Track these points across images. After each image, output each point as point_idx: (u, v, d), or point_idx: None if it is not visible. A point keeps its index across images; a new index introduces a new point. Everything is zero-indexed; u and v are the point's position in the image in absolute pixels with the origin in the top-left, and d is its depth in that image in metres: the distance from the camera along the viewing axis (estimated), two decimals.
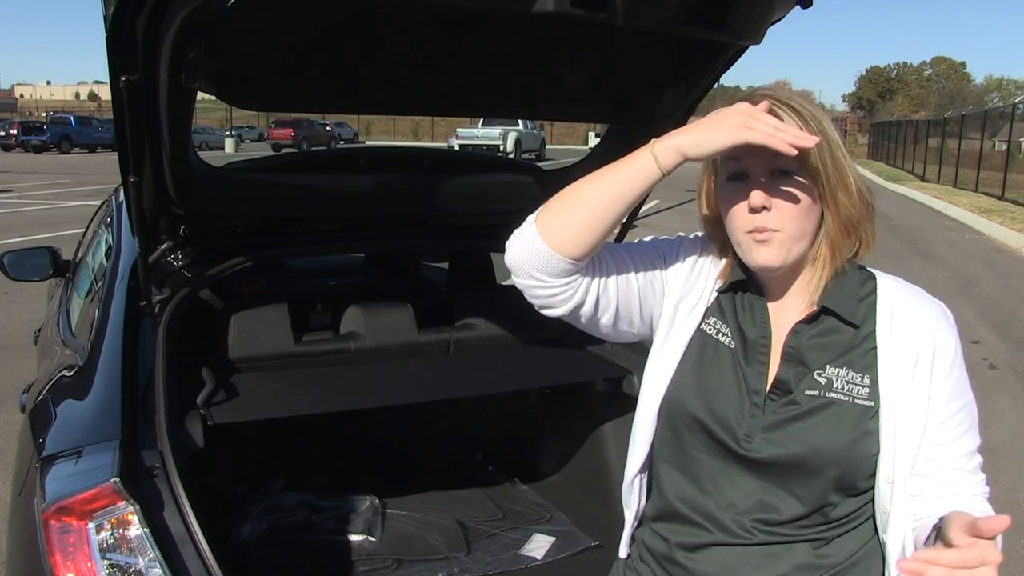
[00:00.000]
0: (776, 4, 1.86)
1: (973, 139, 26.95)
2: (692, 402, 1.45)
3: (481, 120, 34.32)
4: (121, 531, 1.66)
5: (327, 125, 48.61)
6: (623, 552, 1.70)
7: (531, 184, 2.74)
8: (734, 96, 1.46)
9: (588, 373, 2.83)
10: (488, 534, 2.70)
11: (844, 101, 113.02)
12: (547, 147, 39.42)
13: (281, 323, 2.60)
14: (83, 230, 4.69)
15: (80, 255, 3.92)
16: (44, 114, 61.85)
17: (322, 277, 4.02)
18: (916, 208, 21.77)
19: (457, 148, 30.57)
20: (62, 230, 12.97)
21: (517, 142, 34.92)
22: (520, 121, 35.25)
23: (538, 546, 2.65)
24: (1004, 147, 25.03)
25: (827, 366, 1.40)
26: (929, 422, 1.37)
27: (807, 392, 1.39)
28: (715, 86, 2.43)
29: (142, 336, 2.22)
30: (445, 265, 4.13)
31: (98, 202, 4.99)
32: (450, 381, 2.82)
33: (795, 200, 1.34)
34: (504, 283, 3.98)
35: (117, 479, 1.66)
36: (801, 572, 1.40)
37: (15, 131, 42.20)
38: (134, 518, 1.66)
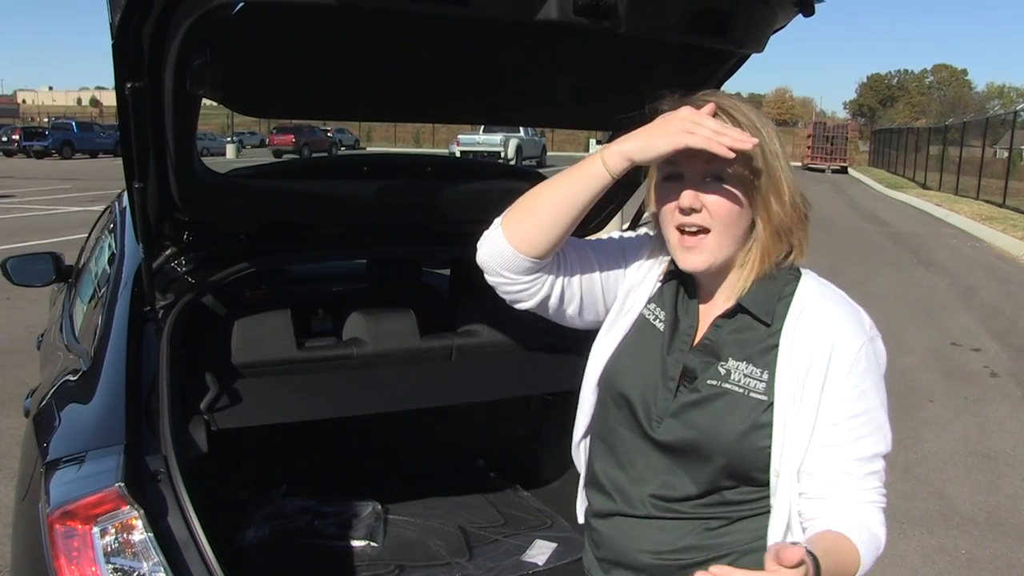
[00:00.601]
0: (778, 12, 1.87)
1: (974, 147, 26.97)
2: (622, 381, 1.55)
3: (482, 127, 34.35)
4: (125, 535, 1.66)
5: (328, 131, 48.66)
6: (579, 512, 1.78)
7: None
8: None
9: None
10: (490, 540, 2.70)
11: (845, 108, 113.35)
12: (548, 154, 39.44)
13: (284, 329, 2.61)
14: (85, 236, 4.70)
15: (83, 261, 3.93)
16: (46, 119, 61.91)
17: (323, 283, 4.03)
18: (917, 215, 21.79)
19: (458, 155, 30.54)
20: (64, 235, 12.98)
21: (518, 149, 34.93)
22: (521, 128, 35.27)
23: (540, 552, 2.66)
24: (1005, 155, 25.02)
25: (730, 359, 1.46)
26: (819, 423, 1.40)
27: (708, 381, 1.46)
28: None
29: (146, 341, 2.22)
30: (446, 271, 4.15)
31: (99, 208, 5.01)
32: (452, 387, 2.83)
33: (726, 204, 1.40)
34: None
35: (122, 483, 1.66)
36: (694, 549, 1.48)
37: (17, 137, 42.24)
38: (138, 522, 1.67)
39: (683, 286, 1.56)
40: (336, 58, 1.93)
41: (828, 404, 1.40)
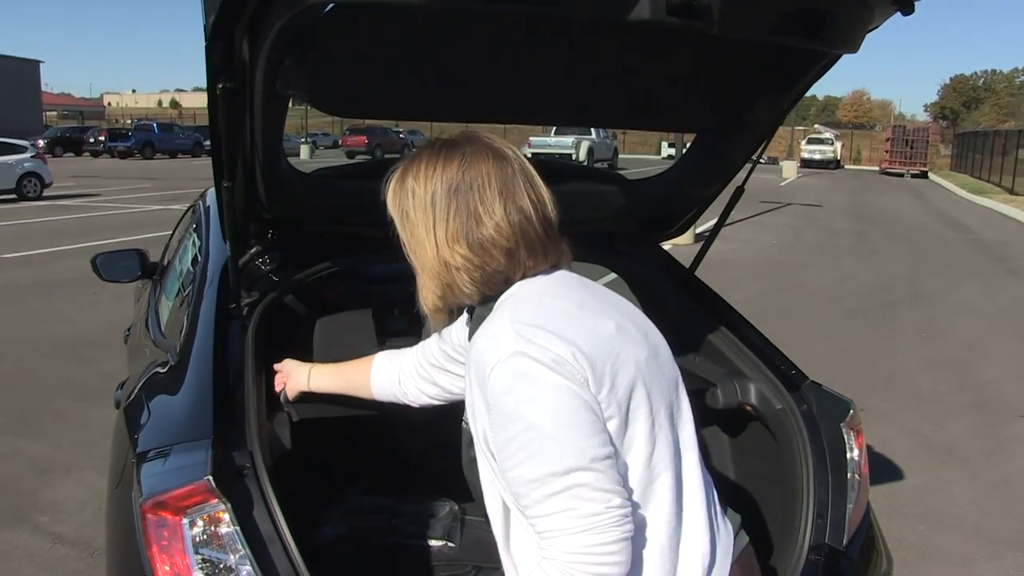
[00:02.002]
0: (875, 11, 1.81)
1: None
2: None
3: (554, 129, 34.32)
4: (213, 528, 1.69)
5: (400, 133, 49.27)
6: None
7: (616, 194, 2.72)
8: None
9: None
10: None
11: (926, 111, 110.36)
12: (619, 156, 39.25)
13: (365, 328, 2.63)
14: (166, 233, 4.83)
15: (167, 258, 4.03)
16: (129, 121, 63.86)
17: (398, 283, 4.05)
18: (1003, 222, 21.08)
19: (530, 156, 30.59)
20: (145, 233, 13.37)
21: (589, 151, 34.84)
22: (592, 130, 35.15)
23: None
24: None
25: None
26: (491, 453, 1.39)
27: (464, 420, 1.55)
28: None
29: (231, 338, 2.27)
30: None
31: (178, 207, 5.15)
32: None
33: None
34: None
35: (210, 477, 1.69)
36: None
37: (103, 138, 43.77)
38: (226, 516, 1.69)
39: None
40: (423, 58, 1.94)
41: (488, 433, 1.40)
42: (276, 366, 2.31)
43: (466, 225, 1.42)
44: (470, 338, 1.50)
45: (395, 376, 2.12)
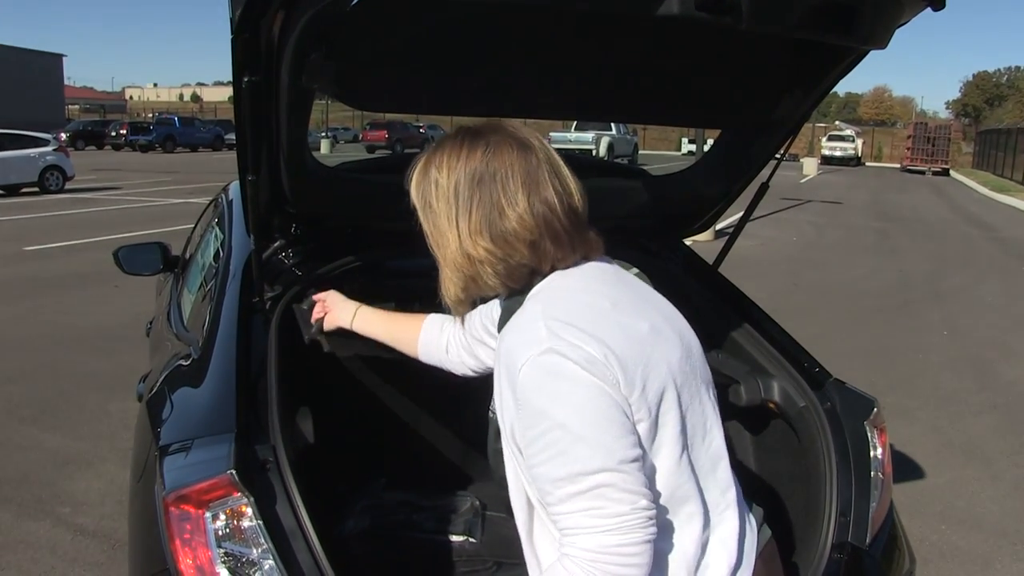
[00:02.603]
0: (905, 6, 1.79)
1: None
2: None
3: (574, 124, 34.25)
4: (236, 522, 1.70)
5: (421, 127, 49.25)
6: None
7: (639, 190, 2.71)
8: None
9: None
10: None
11: (948, 108, 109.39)
12: (640, 152, 39.14)
13: None
14: (187, 227, 4.85)
15: (190, 252, 4.05)
16: (150, 115, 64.24)
17: (419, 277, 4.06)
18: None
19: None
20: (166, 226, 13.46)
21: (609, 147, 34.75)
22: (612, 125, 35.06)
23: None
24: None
25: None
26: (518, 448, 1.37)
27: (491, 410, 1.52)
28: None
29: (254, 332, 2.27)
30: None
31: (199, 200, 5.17)
32: None
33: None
34: None
35: (233, 471, 1.70)
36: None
37: (124, 131, 44.07)
38: (248, 510, 1.70)
39: None
40: (448, 52, 1.93)
41: (516, 427, 1.38)
42: (319, 295, 2.31)
43: (489, 217, 1.40)
44: (499, 329, 1.48)
45: (443, 343, 2.12)
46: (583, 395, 1.29)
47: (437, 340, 2.12)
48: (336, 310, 2.26)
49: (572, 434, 1.27)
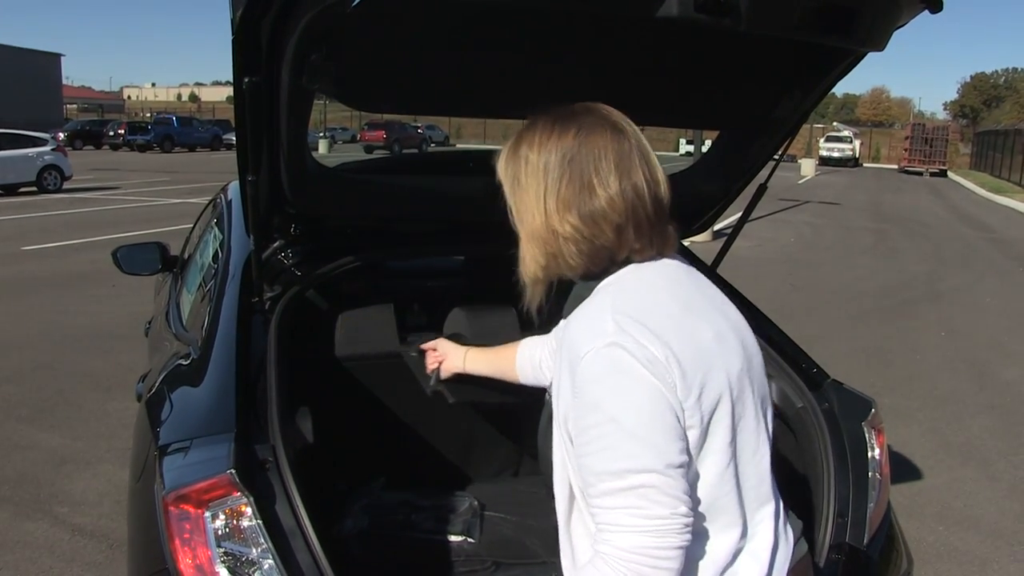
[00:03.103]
0: (903, 9, 1.80)
1: None
2: None
3: None
4: (235, 521, 1.70)
5: (419, 127, 49.23)
6: None
7: None
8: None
9: None
10: None
11: (945, 109, 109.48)
12: None
13: (387, 323, 2.64)
14: (185, 226, 4.85)
15: (188, 252, 4.05)
16: (148, 115, 64.19)
17: (417, 278, 4.06)
18: (1023, 221, 20.91)
19: None
20: (165, 226, 13.46)
21: None
22: None
23: None
24: None
25: None
26: (569, 436, 1.38)
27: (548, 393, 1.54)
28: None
29: (253, 332, 2.27)
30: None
31: (198, 200, 5.17)
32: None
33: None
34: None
35: (233, 471, 1.70)
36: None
37: (123, 131, 44.01)
38: (248, 509, 1.70)
39: None
40: (447, 54, 1.94)
41: (571, 414, 1.38)
42: (429, 345, 2.34)
43: (579, 195, 1.39)
44: (565, 315, 1.47)
45: (536, 360, 2.12)
46: (641, 394, 1.28)
47: (531, 359, 2.13)
48: (450, 357, 2.30)
49: (624, 430, 1.28)
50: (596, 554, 1.30)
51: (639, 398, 1.28)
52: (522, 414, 3.02)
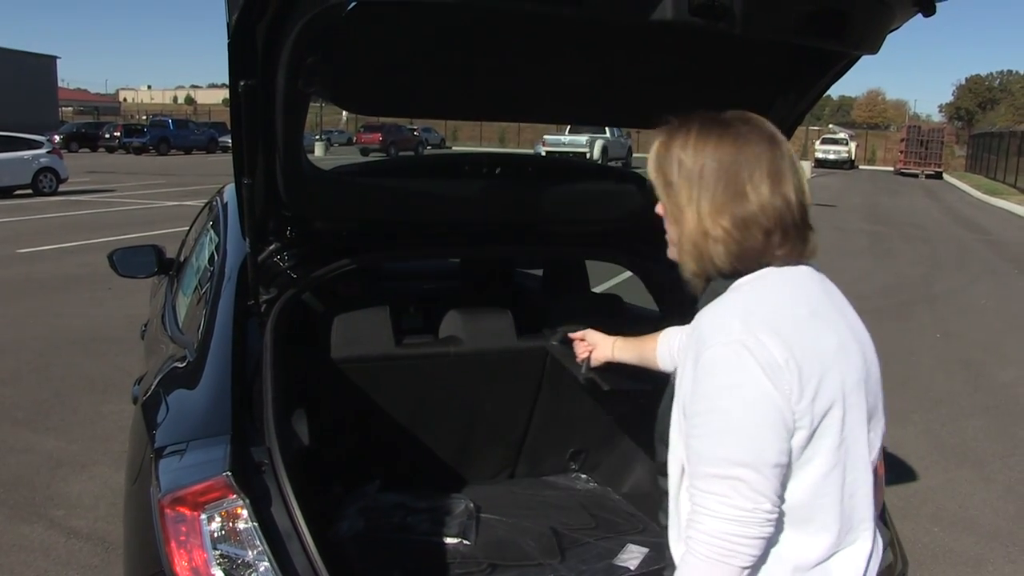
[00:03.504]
0: (896, 12, 1.81)
1: None
2: None
3: (568, 127, 34.26)
4: (231, 524, 1.71)
5: (415, 130, 49.16)
6: None
7: (633, 193, 2.72)
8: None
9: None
10: (581, 542, 2.69)
11: (941, 111, 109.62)
12: (633, 155, 39.14)
13: (383, 325, 2.64)
14: (181, 229, 4.85)
15: (184, 254, 4.05)
16: (144, 117, 64.06)
17: (414, 280, 4.07)
18: (1019, 223, 20.94)
19: (544, 155, 30.58)
20: (160, 229, 13.43)
21: (604, 150, 34.75)
22: (607, 129, 35.08)
23: (632, 557, 2.63)
24: None
25: None
26: (683, 413, 1.46)
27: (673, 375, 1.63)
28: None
29: (249, 334, 2.27)
30: (530, 270, 4.14)
31: (193, 203, 5.17)
32: (546, 384, 2.84)
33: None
34: (598, 290, 3.97)
35: (229, 473, 1.70)
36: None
37: (118, 134, 43.91)
38: (244, 511, 1.70)
39: None
40: (443, 57, 1.94)
41: (688, 394, 1.45)
42: (577, 335, 2.36)
43: (732, 201, 1.44)
44: (700, 307, 1.52)
45: (675, 350, 2.14)
46: (754, 394, 1.35)
47: (669, 347, 2.17)
48: (600, 347, 2.32)
49: (730, 424, 1.36)
50: (689, 535, 1.40)
51: (751, 398, 1.35)
52: (516, 419, 3.04)
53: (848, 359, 1.46)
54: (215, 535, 1.70)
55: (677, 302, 2.98)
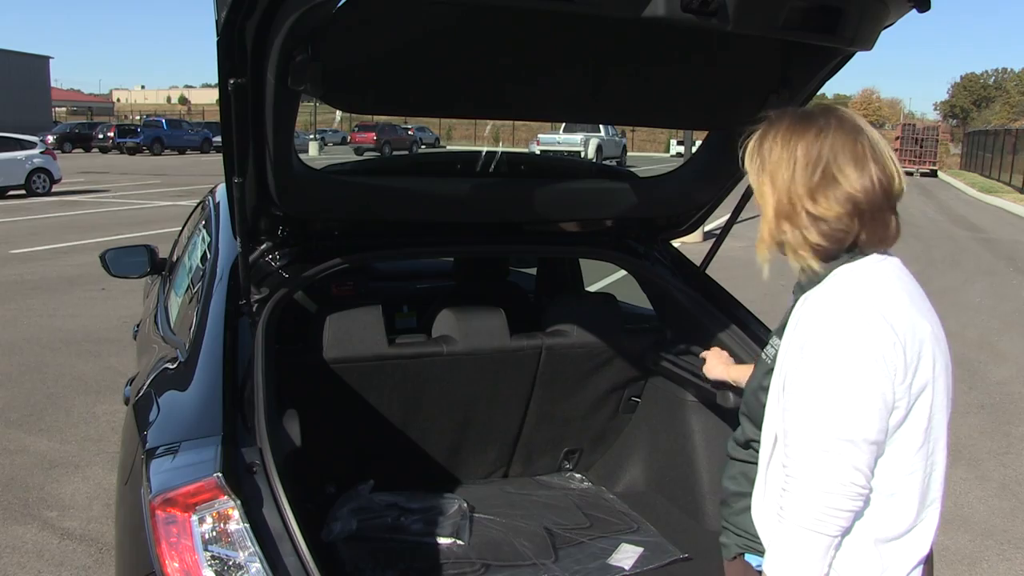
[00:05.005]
0: (890, 8, 1.80)
1: None
2: None
3: (563, 126, 34.26)
4: (222, 525, 1.69)
5: (409, 129, 49.10)
6: None
7: (627, 192, 2.71)
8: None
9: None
10: (575, 542, 2.68)
11: (936, 109, 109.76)
12: (628, 154, 39.16)
13: (375, 325, 2.63)
14: (175, 229, 4.83)
15: (177, 254, 4.03)
16: (138, 117, 63.93)
17: (407, 280, 4.06)
18: (1013, 221, 20.99)
19: (538, 154, 30.57)
20: (154, 229, 13.40)
21: (598, 148, 34.75)
22: (601, 127, 35.08)
23: (626, 556, 2.62)
24: None
25: (776, 333, 1.70)
26: (783, 386, 1.54)
27: (764, 353, 1.75)
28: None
29: (241, 335, 2.26)
30: (524, 269, 4.13)
31: (187, 203, 5.14)
32: (540, 385, 2.83)
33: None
34: (592, 290, 3.96)
35: (220, 474, 1.69)
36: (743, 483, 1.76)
37: (112, 134, 43.81)
38: (235, 513, 1.69)
39: None
40: (434, 55, 1.93)
41: (788, 372, 1.53)
42: (711, 353, 2.40)
43: (815, 189, 1.53)
44: (798, 292, 1.62)
45: None
46: (862, 373, 1.43)
47: None
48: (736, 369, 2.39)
49: (835, 399, 1.43)
50: (780, 507, 1.49)
51: (859, 377, 1.43)
52: (510, 419, 3.03)
53: (939, 345, 1.57)
54: (206, 536, 1.68)
55: (671, 301, 2.98)
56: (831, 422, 1.43)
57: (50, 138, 37.14)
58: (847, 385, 1.43)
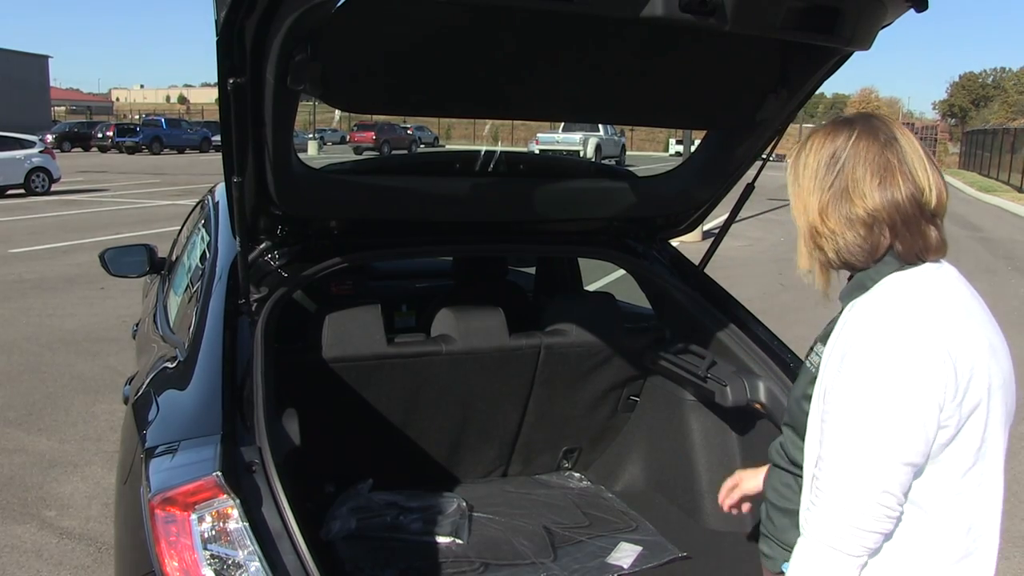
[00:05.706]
0: (888, 8, 1.80)
1: None
2: None
3: (561, 125, 34.26)
4: (222, 524, 1.69)
5: (408, 129, 49.09)
6: None
7: (625, 191, 2.71)
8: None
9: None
10: (574, 541, 2.68)
11: (934, 108, 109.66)
12: (627, 153, 39.15)
13: (374, 324, 2.63)
14: (174, 229, 4.82)
15: (176, 254, 4.03)
16: (137, 116, 63.91)
17: (405, 279, 4.06)
18: (1012, 220, 21.00)
19: (537, 153, 30.55)
20: (153, 228, 13.40)
21: (597, 148, 34.74)
22: (600, 127, 35.08)
23: (625, 555, 2.63)
24: None
25: (820, 341, 1.62)
26: (823, 396, 1.47)
27: (807, 360, 1.68)
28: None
29: (240, 334, 2.26)
30: (522, 268, 4.13)
31: (186, 202, 5.15)
32: (539, 385, 2.83)
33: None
34: (591, 289, 3.96)
35: (219, 473, 1.69)
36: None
37: (111, 133, 43.80)
38: (234, 512, 1.69)
39: None
40: (434, 54, 1.93)
41: (827, 387, 1.45)
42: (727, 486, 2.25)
43: (838, 199, 1.49)
44: (845, 298, 1.55)
45: None
46: (902, 394, 1.35)
47: None
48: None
49: (872, 419, 1.36)
50: (804, 520, 1.45)
51: (900, 397, 1.35)
52: (509, 418, 3.03)
53: (996, 362, 1.46)
54: (205, 535, 1.68)
55: (670, 300, 2.99)
56: (866, 440, 1.36)
57: (49, 137, 37.13)
58: (886, 403, 1.35)
